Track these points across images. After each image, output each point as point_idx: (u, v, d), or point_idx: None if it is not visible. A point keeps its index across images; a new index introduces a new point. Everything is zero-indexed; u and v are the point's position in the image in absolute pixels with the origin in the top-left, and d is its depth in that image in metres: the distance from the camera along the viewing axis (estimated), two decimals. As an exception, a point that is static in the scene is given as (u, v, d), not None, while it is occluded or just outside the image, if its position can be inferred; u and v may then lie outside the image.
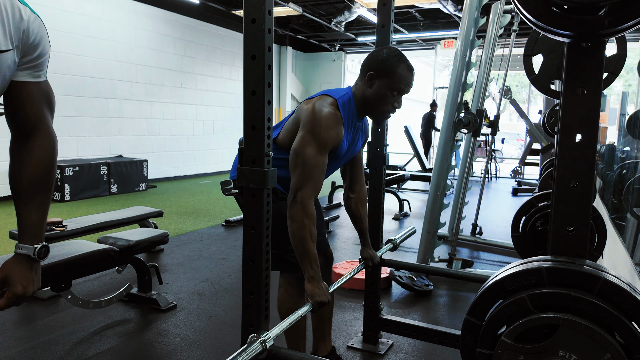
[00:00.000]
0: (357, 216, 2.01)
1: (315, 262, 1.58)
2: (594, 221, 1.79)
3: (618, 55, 1.95)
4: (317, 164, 1.59)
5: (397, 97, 1.70)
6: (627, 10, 0.85)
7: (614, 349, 0.84)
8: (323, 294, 1.56)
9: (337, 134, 1.64)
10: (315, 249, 1.59)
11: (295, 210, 1.57)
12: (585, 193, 0.99)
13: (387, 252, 2.22)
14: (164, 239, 3.02)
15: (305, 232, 1.56)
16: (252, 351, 1.22)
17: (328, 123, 1.60)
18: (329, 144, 1.62)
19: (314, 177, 1.58)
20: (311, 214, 1.58)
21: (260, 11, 1.24)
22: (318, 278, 1.57)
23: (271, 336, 1.30)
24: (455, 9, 8.38)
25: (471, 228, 4.66)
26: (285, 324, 1.39)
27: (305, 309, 1.50)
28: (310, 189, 1.58)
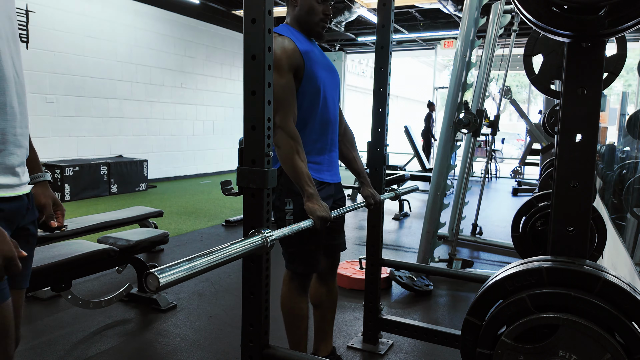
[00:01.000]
0: (350, 158, 1.99)
1: (310, 179, 1.59)
2: (594, 221, 1.79)
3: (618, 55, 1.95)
4: (282, 86, 1.61)
5: (324, 4, 1.74)
6: (627, 10, 0.85)
7: (614, 349, 0.84)
8: (324, 210, 1.54)
9: (288, 52, 1.64)
10: (307, 168, 1.60)
11: (278, 135, 1.59)
12: (585, 193, 0.99)
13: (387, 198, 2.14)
14: (164, 239, 3.02)
15: (292, 152, 1.58)
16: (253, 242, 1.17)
17: (275, 47, 1.62)
18: (285, 63, 1.63)
19: (284, 100, 1.61)
20: (295, 135, 1.60)
21: (260, 11, 1.25)
22: (316, 195, 1.57)
23: (274, 235, 1.25)
24: (455, 9, 8.38)
25: (471, 228, 4.66)
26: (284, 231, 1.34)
27: (307, 223, 1.47)
28: (285, 111, 1.60)
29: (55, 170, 6.19)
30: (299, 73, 1.68)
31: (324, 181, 1.81)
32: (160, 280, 0.88)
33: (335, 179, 1.89)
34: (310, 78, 1.71)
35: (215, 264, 1.02)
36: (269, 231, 1.23)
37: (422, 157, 8.13)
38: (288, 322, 1.90)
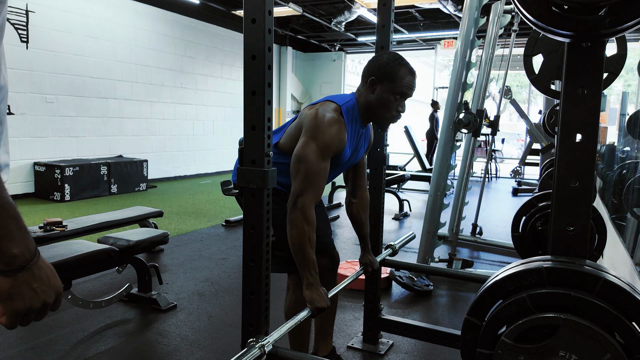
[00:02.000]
0: (359, 221, 2.01)
1: (314, 268, 1.58)
2: (594, 221, 1.79)
3: (618, 55, 1.95)
4: (318, 170, 1.57)
5: (400, 101, 1.69)
6: (627, 10, 0.85)
7: (614, 349, 0.84)
8: (322, 300, 1.56)
9: (339, 140, 1.62)
10: (314, 255, 1.59)
11: (295, 216, 1.56)
12: (585, 193, 0.99)
13: (386, 257, 2.22)
14: (164, 239, 3.02)
15: (304, 238, 1.55)
16: (251, 356, 1.22)
17: (331, 129, 1.59)
18: (331, 151, 1.61)
19: (315, 183, 1.57)
20: (311, 221, 1.57)
21: (260, 11, 1.25)
22: (317, 284, 1.57)
23: (270, 341, 1.29)
24: (455, 9, 8.38)
25: (471, 228, 4.66)
26: (284, 329, 1.39)
27: (304, 314, 1.50)
28: (311, 195, 1.57)
29: (55, 170, 6.19)
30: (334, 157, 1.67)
31: None
32: None
33: None
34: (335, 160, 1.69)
35: None
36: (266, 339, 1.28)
37: (422, 158, 8.13)
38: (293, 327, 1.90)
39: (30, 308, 0.68)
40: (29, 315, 0.69)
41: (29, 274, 0.67)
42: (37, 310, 0.69)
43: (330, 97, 1.73)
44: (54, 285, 0.70)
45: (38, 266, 0.68)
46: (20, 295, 0.67)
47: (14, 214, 0.65)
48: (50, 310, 0.72)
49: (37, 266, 0.68)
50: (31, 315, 0.69)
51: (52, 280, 0.70)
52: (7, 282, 0.66)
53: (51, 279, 0.70)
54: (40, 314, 0.70)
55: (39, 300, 0.69)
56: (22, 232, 0.65)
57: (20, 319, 0.68)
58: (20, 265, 0.66)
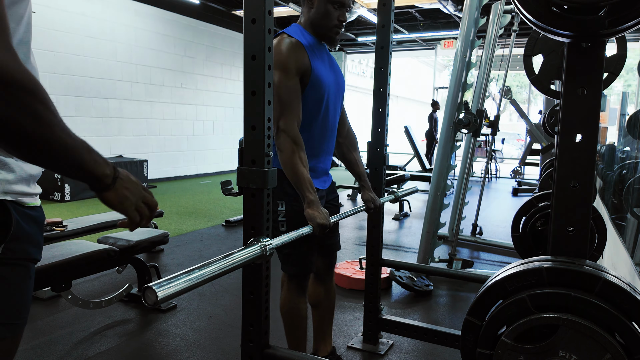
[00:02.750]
0: (352, 160, 1.99)
1: (311, 185, 1.58)
2: (594, 221, 1.79)
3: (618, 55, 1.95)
4: (288, 88, 1.60)
5: (340, 10, 1.72)
6: (627, 11, 0.85)
7: (614, 349, 0.84)
8: (324, 217, 1.53)
9: (297, 55, 1.64)
10: (309, 173, 1.59)
11: (281, 139, 1.58)
12: (585, 193, 0.99)
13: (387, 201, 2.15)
14: (164, 239, 3.02)
15: (295, 157, 1.57)
16: (252, 252, 1.16)
17: (281, 48, 1.62)
18: (292, 65, 1.62)
19: (289, 103, 1.60)
20: (298, 140, 1.59)
21: (260, 11, 1.25)
22: (317, 202, 1.56)
23: (273, 243, 1.24)
24: (455, 9, 8.38)
25: (471, 228, 4.66)
26: (285, 238, 1.34)
27: (306, 230, 1.46)
28: (290, 115, 1.59)
29: (55, 171, 6.18)
30: (304, 78, 1.67)
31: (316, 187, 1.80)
32: (158, 294, 0.87)
33: (326, 185, 1.90)
34: (315, 84, 1.69)
35: (213, 275, 1.01)
36: (268, 240, 1.22)
37: (422, 158, 8.13)
38: (287, 324, 1.91)
39: (136, 202, 0.87)
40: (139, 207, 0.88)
41: (120, 182, 0.85)
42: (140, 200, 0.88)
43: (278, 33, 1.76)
44: (136, 182, 0.88)
45: (122, 175, 0.85)
46: (125, 197, 0.85)
47: (90, 148, 0.80)
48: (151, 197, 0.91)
49: (122, 175, 0.85)
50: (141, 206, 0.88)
51: (133, 179, 0.88)
52: (113, 194, 0.83)
53: (132, 178, 0.88)
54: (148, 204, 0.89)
55: (136, 194, 0.87)
56: (100, 157, 0.81)
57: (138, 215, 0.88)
58: (113, 178, 0.83)
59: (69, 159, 0.76)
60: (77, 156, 0.77)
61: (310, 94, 1.69)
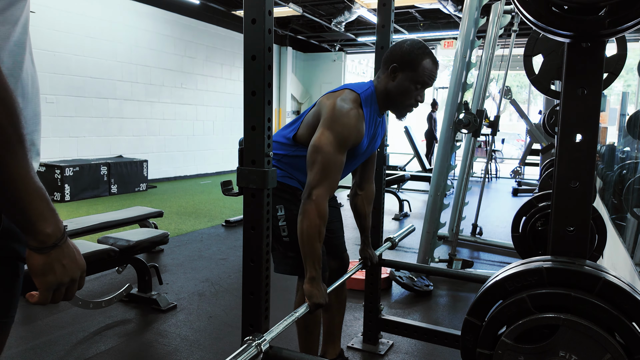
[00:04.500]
0: (362, 214, 1.99)
1: (318, 263, 1.56)
2: (594, 221, 1.79)
3: (618, 56, 1.95)
4: (335, 162, 1.55)
5: (420, 91, 1.66)
6: (627, 11, 0.85)
7: (614, 349, 0.84)
8: (321, 296, 1.55)
9: (357, 131, 1.60)
10: (321, 251, 1.58)
11: (308, 207, 1.53)
12: (585, 193, 0.99)
13: (386, 250, 2.21)
14: (164, 239, 3.02)
15: (315, 231, 1.53)
16: (248, 355, 1.21)
17: (349, 121, 1.57)
18: (349, 142, 1.58)
19: (330, 175, 1.54)
20: (324, 214, 1.54)
21: (260, 11, 1.25)
22: (318, 279, 1.56)
23: (267, 339, 1.28)
24: (455, 10, 8.38)
25: (471, 228, 4.66)
26: (282, 326, 1.38)
27: (302, 310, 1.49)
28: (326, 187, 1.54)
29: (55, 171, 6.19)
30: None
31: None
32: None
33: None
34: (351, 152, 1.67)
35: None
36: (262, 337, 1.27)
37: (422, 158, 8.13)
38: (302, 327, 1.89)
39: (61, 282, 0.74)
40: (59, 289, 0.75)
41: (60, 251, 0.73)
42: (66, 284, 0.75)
43: (349, 85, 1.70)
44: (80, 263, 0.77)
45: (67, 244, 0.74)
46: (52, 271, 0.72)
47: (44, 197, 0.69)
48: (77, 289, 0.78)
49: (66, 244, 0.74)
50: (61, 289, 0.75)
51: (78, 258, 0.76)
52: (42, 259, 0.71)
53: (77, 256, 0.76)
54: (70, 290, 0.76)
55: (68, 275, 0.74)
56: (52, 213, 0.71)
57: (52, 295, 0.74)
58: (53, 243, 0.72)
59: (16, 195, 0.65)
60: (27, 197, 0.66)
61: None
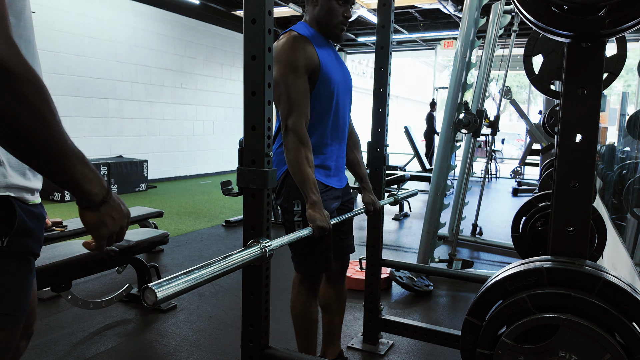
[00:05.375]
0: (354, 161, 1.99)
1: (315, 186, 1.57)
2: (594, 221, 1.79)
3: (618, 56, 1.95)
4: (297, 87, 1.59)
5: (344, 6, 1.72)
6: (627, 11, 0.85)
7: (614, 349, 0.84)
8: (324, 220, 1.53)
9: (305, 51, 1.63)
10: (314, 175, 1.59)
11: (289, 138, 1.57)
12: (585, 193, 0.99)
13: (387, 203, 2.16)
14: (164, 240, 3.02)
15: (301, 157, 1.57)
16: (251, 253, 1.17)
17: (288, 45, 1.62)
18: (301, 64, 1.61)
19: (299, 101, 1.59)
20: (305, 139, 1.58)
21: (260, 11, 1.25)
22: (320, 203, 1.56)
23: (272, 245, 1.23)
24: (455, 10, 8.38)
25: (471, 228, 4.66)
26: (285, 240, 1.33)
27: (306, 232, 1.47)
28: (298, 113, 1.58)
29: (55, 171, 6.18)
30: (314, 75, 1.66)
31: (331, 186, 1.80)
32: (157, 294, 0.87)
33: (343, 184, 1.89)
34: (325, 81, 1.69)
35: (213, 276, 1.01)
36: (268, 241, 1.22)
37: (422, 158, 8.13)
38: (298, 326, 1.88)
39: (112, 232, 0.85)
40: (111, 237, 0.85)
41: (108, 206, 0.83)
42: (116, 232, 0.86)
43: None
44: (125, 212, 0.87)
45: (112, 199, 0.83)
46: (104, 224, 0.83)
47: (85, 161, 0.77)
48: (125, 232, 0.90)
49: (112, 199, 0.83)
50: (113, 237, 0.86)
51: (123, 208, 0.86)
52: (94, 216, 0.82)
53: (122, 207, 0.86)
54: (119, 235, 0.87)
55: (117, 225, 0.85)
56: (95, 174, 0.79)
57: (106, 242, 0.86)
58: (101, 200, 0.81)
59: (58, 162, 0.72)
60: (68, 162, 0.74)
61: (321, 90, 1.69)
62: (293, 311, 1.87)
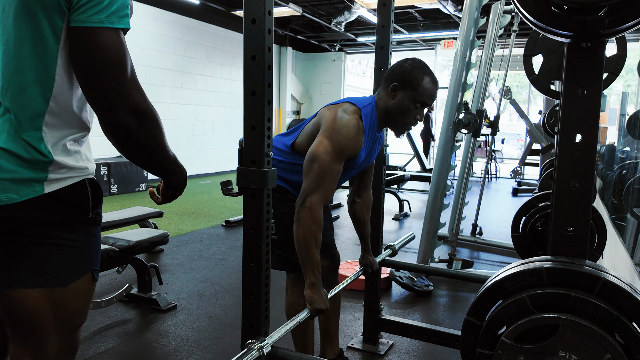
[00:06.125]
0: (361, 221, 1.99)
1: (317, 269, 1.56)
2: (594, 221, 1.79)
3: (618, 56, 1.95)
4: (331, 171, 1.56)
5: (419, 110, 1.69)
6: (627, 11, 0.85)
7: (614, 349, 0.84)
8: (322, 302, 1.55)
9: (355, 143, 1.62)
10: (319, 256, 1.58)
11: (303, 214, 1.54)
12: (585, 193, 0.99)
13: (386, 257, 2.21)
14: (164, 240, 3.02)
15: (311, 238, 1.54)
16: (250, 357, 1.21)
17: (349, 132, 1.59)
18: (347, 153, 1.60)
19: (326, 183, 1.56)
20: (319, 221, 1.56)
21: (260, 11, 1.25)
22: (319, 285, 1.56)
23: (269, 342, 1.29)
24: (455, 10, 8.38)
25: (471, 228, 4.66)
26: (283, 330, 1.38)
27: (304, 315, 1.50)
28: (321, 195, 1.56)
29: (55, 171, 6.18)
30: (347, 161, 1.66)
31: None
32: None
33: None
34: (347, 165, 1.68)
35: None
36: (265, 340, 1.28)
37: (422, 158, 8.13)
38: (294, 328, 1.89)
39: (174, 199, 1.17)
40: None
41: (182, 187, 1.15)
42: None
43: (350, 99, 1.73)
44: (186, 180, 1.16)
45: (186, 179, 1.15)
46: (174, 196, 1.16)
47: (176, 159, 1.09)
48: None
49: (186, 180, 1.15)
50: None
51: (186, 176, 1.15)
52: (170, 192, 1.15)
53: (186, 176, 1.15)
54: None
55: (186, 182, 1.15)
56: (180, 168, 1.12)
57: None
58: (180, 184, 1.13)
59: (164, 167, 1.07)
60: (168, 165, 1.07)
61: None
62: (288, 312, 1.88)
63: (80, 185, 0.99)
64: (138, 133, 0.93)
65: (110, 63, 0.88)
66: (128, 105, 0.90)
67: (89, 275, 1.04)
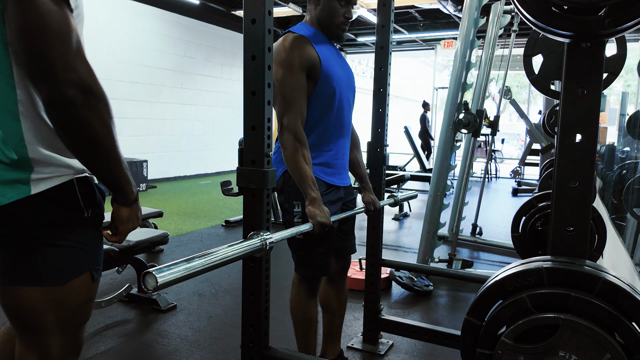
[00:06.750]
0: (354, 160, 1.98)
1: (314, 183, 1.58)
2: (594, 221, 1.79)
3: (618, 56, 1.95)
4: (291, 85, 1.60)
5: (345, 7, 1.73)
6: (627, 11, 0.85)
7: (614, 349, 0.84)
8: (324, 216, 1.53)
9: (303, 50, 1.63)
10: (312, 172, 1.59)
11: (285, 137, 1.58)
12: (585, 193, 0.99)
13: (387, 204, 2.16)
14: (164, 240, 3.02)
15: (298, 155, 1.57)
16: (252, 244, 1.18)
17: (287, 45, 1.63)
18: (296, 61, 1.61)
19: (294, 99, 1.60)
20: (301, 137, 1.59)
21: (260, 11, 1.25)
22: (319, 199, 1.56)
23: (273, 238, 1.24)
24: (455, 10, 8.38)
25: (471, 228, 4.66)
26: (286, 233, 1.35)
27: (306, 227, 1.47)
28: (293, 112, 1.59)
29: (55, 171, 6.18)
30: (314, 73, 1.66)
31: (334, 184, 1.80)
32: (158, 280, 0.88)
33: (346, 182, 1.88)
34: (326, 78, 1.69)
35: (213, 265, 1.03)
36: (268, 234, 1.22)
37: (422, 158, 8.13)
38: (297, 326, 1.88)
39: (134, 228, 1.07)
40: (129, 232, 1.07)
41: (136, 205, 1.06)
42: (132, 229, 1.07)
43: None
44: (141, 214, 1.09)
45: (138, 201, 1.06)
46: (132, 220, 1.06)
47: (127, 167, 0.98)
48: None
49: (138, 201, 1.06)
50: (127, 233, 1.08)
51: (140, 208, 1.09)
52: (127, 211, 1.05)
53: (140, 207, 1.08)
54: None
55: (138, 223, 1.08)
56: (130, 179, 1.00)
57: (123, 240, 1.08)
58: (134, 199, 1.04)
59: (112, 165, 0.93)
60: (118, 166, 0.95)
61: (322, 88, 1.69)
62: (292, 311, 1.86)
63: (68, 185, 0.97)
64: (84, 112, 0.83)
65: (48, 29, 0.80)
66: (73, 79, 0.82)
67: (87, 274, 1.04)
